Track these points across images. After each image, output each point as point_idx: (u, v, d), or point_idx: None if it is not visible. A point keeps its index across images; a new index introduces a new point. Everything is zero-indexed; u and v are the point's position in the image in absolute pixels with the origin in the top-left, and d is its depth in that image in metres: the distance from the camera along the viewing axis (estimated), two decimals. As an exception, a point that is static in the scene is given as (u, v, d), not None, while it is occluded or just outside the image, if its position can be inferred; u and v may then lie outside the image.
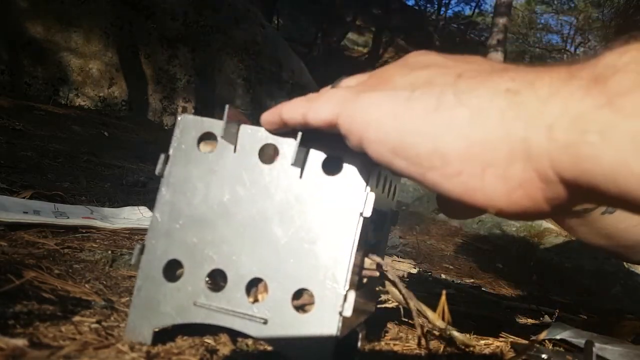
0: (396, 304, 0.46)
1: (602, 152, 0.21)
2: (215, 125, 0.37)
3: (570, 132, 0.22)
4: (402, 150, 0.27)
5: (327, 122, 0.31)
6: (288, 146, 0.36)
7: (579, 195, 0.24)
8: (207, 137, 0.38)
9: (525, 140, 0.23)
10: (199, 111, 3.61)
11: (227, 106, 0.35)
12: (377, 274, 0.42)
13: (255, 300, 0.36)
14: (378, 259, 0.41)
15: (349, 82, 0.34)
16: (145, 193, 1.26)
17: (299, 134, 0.34)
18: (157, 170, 0.38)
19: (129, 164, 1.68)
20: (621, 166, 0.20)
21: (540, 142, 0.23)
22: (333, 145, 0.35)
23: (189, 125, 0.38)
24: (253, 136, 0.37)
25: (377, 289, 0.47)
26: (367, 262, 0.40)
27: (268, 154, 0.37)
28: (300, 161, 0.36)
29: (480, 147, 0.24)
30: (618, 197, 0.21)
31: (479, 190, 0.25)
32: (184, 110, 3.54)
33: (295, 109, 0.33)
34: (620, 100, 0.21)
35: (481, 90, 0.25)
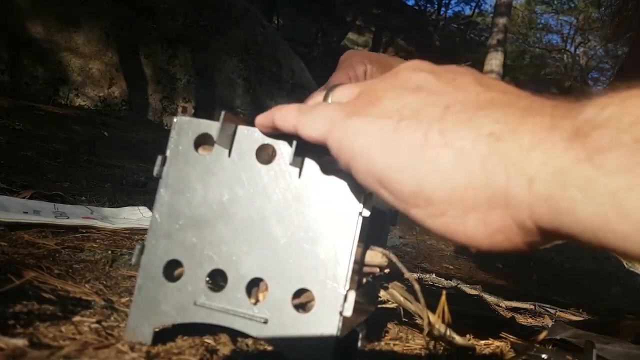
0: (396, 304, 0.46)
1: (582, 207, 0.21)
2: (212, 127, 0.37)
3: (551, 186, 0.22)
4: (388, 184, 0.27)
5: (316, 140, 0.31)
6: (286, 147, 0.36)
7: (556, 239, 0.24)
8: (205, 141, 0.38)
9: (505, 189, 0.24)
10: (199, 111, 3.61)
11: (222, 112, 0.35)
12: (378, 270, 0.42)
13: (257, 301, 0.36)
14: (381, 249, 0.41)
15: (341, 94, 0.33)
16: (145, 193, 1.26)
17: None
18: (155, 172, 0.38)
19: (129, 164, 1.68)
20: (602, 223, 0.21)
21: (520, 193, 0.23)
22: None
23: (185, 127, 0.38)
24: (250, 137, 0.37)
25: (378, 290, 0.47)
26: (370, 254, 0.40)
27: (266, 155, 0.37)
28: (298, 161, 0.36)
29: (463, 192, 0.25)
30: (593, 245, 0.22)
31: (461, 231, 0.26)
32: (184, 110, 3.54)
33: (288, 119, 0.33)
34: (600, 156, 0.21)
35: (465, 132, 0.25)
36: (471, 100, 0.27)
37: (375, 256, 0.40)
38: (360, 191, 0.35)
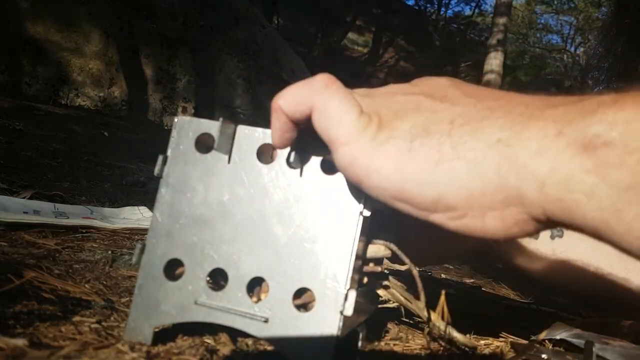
0: (397, 304, 0.46)
1: (587, 210, 0.24)
2: (212, 127, 0.37)
3: (560, 190, 0.25)
4: (406, 198, 0.29)
5: (326, 141, 0.32)
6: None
7: (566, 228, 0.27)
8: (206, 141, 0.38)
9: (518, 189, 0.26)
10: (199, 111, 3.61)
11: (220, 119, 0.35)
12: (379, 269, 0.42)
13: (259, 300, 0.36)
14: (382, 242, 0.41)
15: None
16: (145, 193, 1.26)
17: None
18: (156, 172, 0.38)
19: (129, 164, 1.68)
20: (603, 223, 0.24)
21: (533, 194, 0.26)
22: None
23: (185, 126, 0.38)
24: (250, 137, 0.37)
25: (378, 290, 0.47)
26: (372, 248, 0.40)
27: (267, 154, 0.37)
28: (298, 161, 0.36)
29: (480, 195, 0.27)
30: (601, 241, 0.26)
31: (480, 228, 0.28)
32: (184, 110, 3.54)
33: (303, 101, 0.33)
34: (606, 170, 0.24)
35: (474, 143, 0.27)
36: (471, 112, 0.29)
37: (379, 249, 0.40)
38: (361, 191, 0.35)
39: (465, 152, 0.27)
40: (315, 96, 0.32)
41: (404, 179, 0.29)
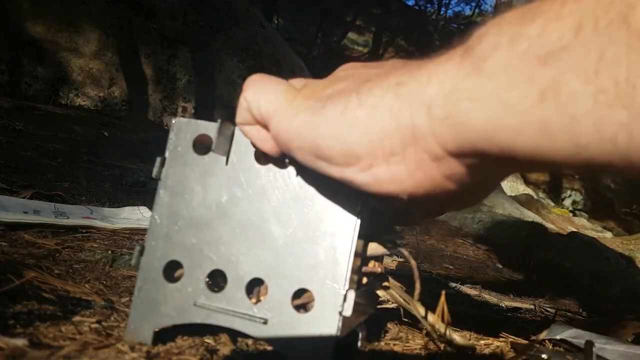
0: (396, 305, 0.46)
1: (475, 115, 0.23)
2: (210, 128, 0.37)
3: (445, 106, 0.24)
4: (321, 153, 0.29)
5: (262, 124, 0.33)
6: None
7: (472, 166, 0.26)
8: (203, 142, 0.38)
9: (411, 126, 0.26)
10: (199, 111, 3.61)
11: (219, 121, 0.35)
12: (380, 270, 0.42)
13: (258, 301, 0.36)
14: (382, 242, 0.41)
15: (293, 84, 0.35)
16: (145, 193, 1.26)
17: None
18: (154, 173, 0.38)
19: (129, 164, 1.68)
20: (494, 124, 0.22)
21: (422, 123, 0.25)
22: None
23: (183, 128, 0.38)
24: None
25: (378, 291, 0.47)
26: (372, 246, 0.40)
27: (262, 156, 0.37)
28: (295, 161, 0.36)
29: (380, 140, 0.27)
30: (500, 155, 0.24)
31: (388, 178, 0.28)
32: (184, 110, 3.54)
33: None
34: (483, 64, 0.23)
35: (376, 90, 0.27)
36: (389, 70, 0.29)
37: (378, 247, 0.41)
38: (360, 190, 0.35)
39: (367, 99, 0.28)
40: (244, 95, 0.33)
41: (316, 136, 0.29)
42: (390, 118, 0.26)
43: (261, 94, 0.33)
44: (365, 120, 0.27)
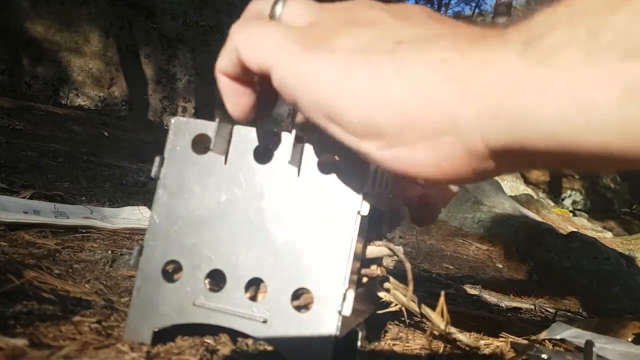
0: (399, 306, 0.46)
1: (539, 110, 0.21)
2: (209, 127, 0.37)
3: (503, 98, 0.22)
4: (337, 118, 0.26)
5: (257, 71, 0.29)
6: (283, 146, 0.36)
7: (507, 163, 0.24)
8: (202, 142, 0.38)
9: (457, 114, 0.23)
10: (199, 111, 3.61)
11: (217, 120, 0.35)
12: (378, 272, 0.42)
13: (254, 297, 0.36)
14: (383, 243, 0.41)
15: (292, 13, 0.30)
16: (145, 193, 1.26)
17: (293, 132, 0.34)
18: (153, 173, 0.38)
19: (129, 164, 1.68)
20: (561, 121, 0.20)
21: (470, 113, 0.23)
22: (328, 143, 0.35)
23: (182, 127, 0.38)
24: (247, 137, 0.37)
25: (378, 293, 0.47)
26: (371, 248, 0.40)
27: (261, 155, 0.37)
28: (295, 161, 0.36)
29: (413, 119, 0.24)
30: (558, 153, 0.22)
31: (409, 161, 0.26)
32: (184, 110, 3.54)
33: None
34: (555, 55, 0.20)
35: (417, 61, 0.24)
36: (423, 33, 0.26)
37: (376, 248, 0.41)
38: (359, 190, 0.35)
39: (405, 69, 0.24)
40: (233, 39, 0.30)
41: (334, 97, 0.26)
42: (432, 99, 0.24)
43: (257, 36, 0.29)
44: (401, 94, 0.24)
